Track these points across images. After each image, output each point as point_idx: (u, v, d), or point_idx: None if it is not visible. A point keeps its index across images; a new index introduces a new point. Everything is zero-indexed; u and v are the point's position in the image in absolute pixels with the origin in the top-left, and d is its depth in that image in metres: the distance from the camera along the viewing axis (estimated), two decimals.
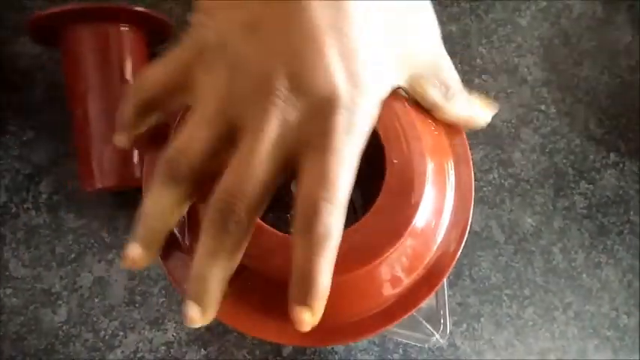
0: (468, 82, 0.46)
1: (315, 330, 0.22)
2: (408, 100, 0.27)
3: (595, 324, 0.41)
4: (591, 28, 0.48)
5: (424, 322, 0.29)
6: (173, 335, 0.40)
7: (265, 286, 0.23)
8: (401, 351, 0.40)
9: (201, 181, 0.23)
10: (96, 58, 0.38)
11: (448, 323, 0.29)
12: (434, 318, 0.29)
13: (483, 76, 0.46)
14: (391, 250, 0.24)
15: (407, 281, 0.25)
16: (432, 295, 0.25)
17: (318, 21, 0.22)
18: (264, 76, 0.22)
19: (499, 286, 0.42)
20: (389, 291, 0.24)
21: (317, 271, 0.21)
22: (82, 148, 0.39)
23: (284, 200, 0.40)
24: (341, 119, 0.22)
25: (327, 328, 0.23)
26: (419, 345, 0.31)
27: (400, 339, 0.29)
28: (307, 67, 0.22)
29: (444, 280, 0.27)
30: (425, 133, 0.26)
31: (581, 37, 0.48)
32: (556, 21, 0.48)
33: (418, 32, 0.26)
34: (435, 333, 0.29)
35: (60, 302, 0.40)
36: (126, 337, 0.40)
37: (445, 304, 0.28)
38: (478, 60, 0.47)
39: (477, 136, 0.45)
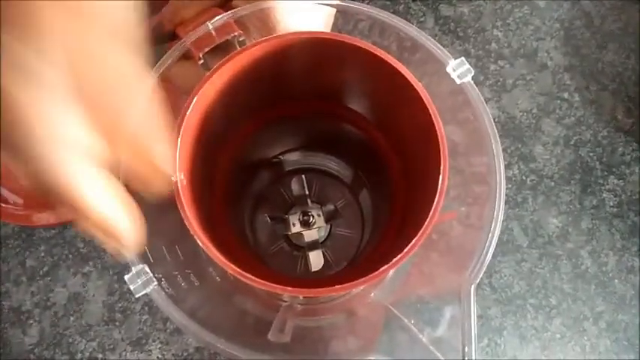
0: (482, 69, 0.43)
1: None
2: None
3: (629, 335, 0.39)
4: (615, 8, 0.45)
5: (440, 356, 0.24)
6: (158, 357, 0.37)
7: None
8: None
9: None
10: None
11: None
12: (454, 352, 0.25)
13: (499, 62, 0.43)
14: None
15: None
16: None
17: None
18: None
19: (523, 295, 0.39)
20: None
21: None
22: None
23: (281, 201, 0.36)
24: None
25: None
26: None
27: None
28: None
29: (472, 309, 0.23)
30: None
31: (604, 19, 0.45)
32: (577, 1, 0.45)
33: None
34: None
35: (31, 322, 0.38)
36: None
37: (472, 337, 0.23)
38: (493, 44, 0.44)
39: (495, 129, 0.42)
